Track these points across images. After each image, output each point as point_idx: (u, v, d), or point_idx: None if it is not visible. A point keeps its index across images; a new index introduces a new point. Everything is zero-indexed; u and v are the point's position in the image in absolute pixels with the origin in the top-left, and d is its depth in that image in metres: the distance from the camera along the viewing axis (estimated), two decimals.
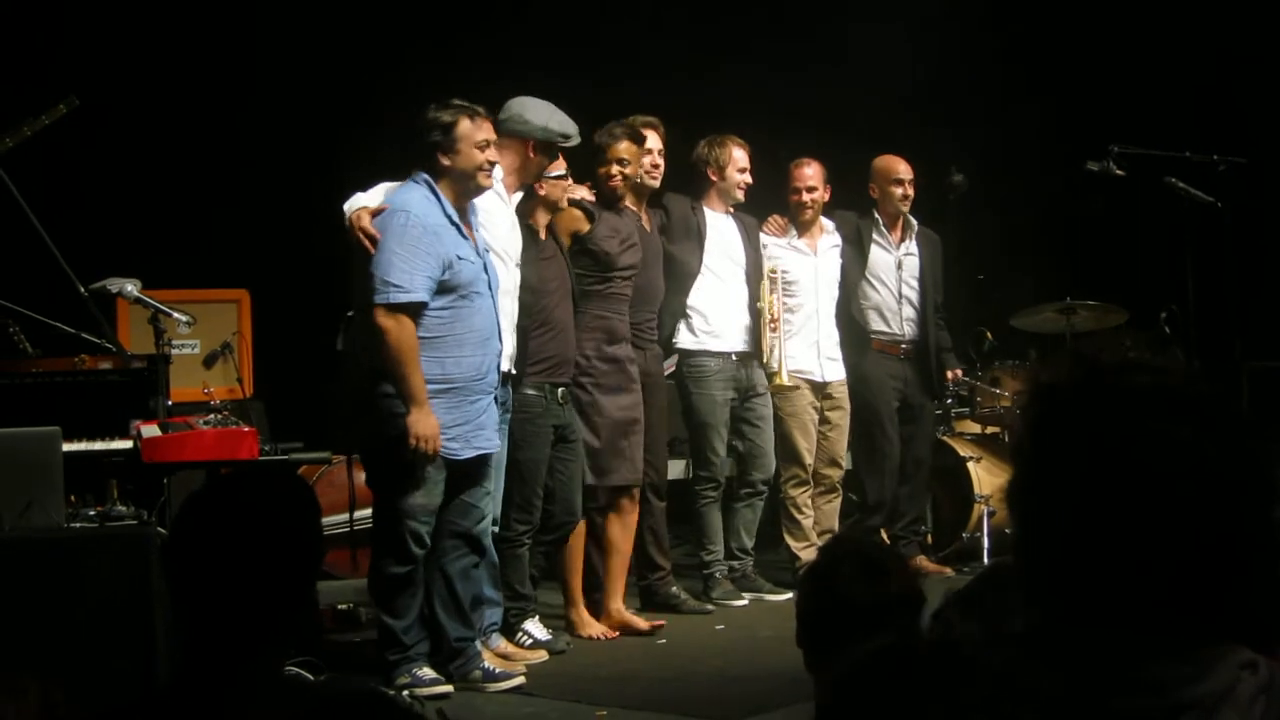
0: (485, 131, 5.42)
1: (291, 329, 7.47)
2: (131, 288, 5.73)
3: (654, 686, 5.57)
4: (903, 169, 7.67)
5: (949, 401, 8.07)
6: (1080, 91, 9.03)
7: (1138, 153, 7.67)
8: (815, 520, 7.45)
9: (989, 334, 8.14)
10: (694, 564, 7.30)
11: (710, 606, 6.91)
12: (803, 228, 7.48)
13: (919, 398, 7.72)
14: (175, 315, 5.79)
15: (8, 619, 4.44)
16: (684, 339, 7.09)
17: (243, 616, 2.15)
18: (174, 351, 6.05)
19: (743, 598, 7.06)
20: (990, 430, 8.15)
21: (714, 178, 7.18)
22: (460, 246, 5.30)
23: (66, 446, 4.91)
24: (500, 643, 5.88)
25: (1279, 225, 8.59)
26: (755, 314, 7.17)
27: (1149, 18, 8.83)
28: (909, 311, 7.69)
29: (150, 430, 5.25)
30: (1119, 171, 7.63)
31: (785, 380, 7.17)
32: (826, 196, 7.52)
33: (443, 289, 5.25)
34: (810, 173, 7.45)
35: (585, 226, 6.34)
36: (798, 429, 7.34)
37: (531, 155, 5.91)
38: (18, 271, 5.96)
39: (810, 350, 7.38)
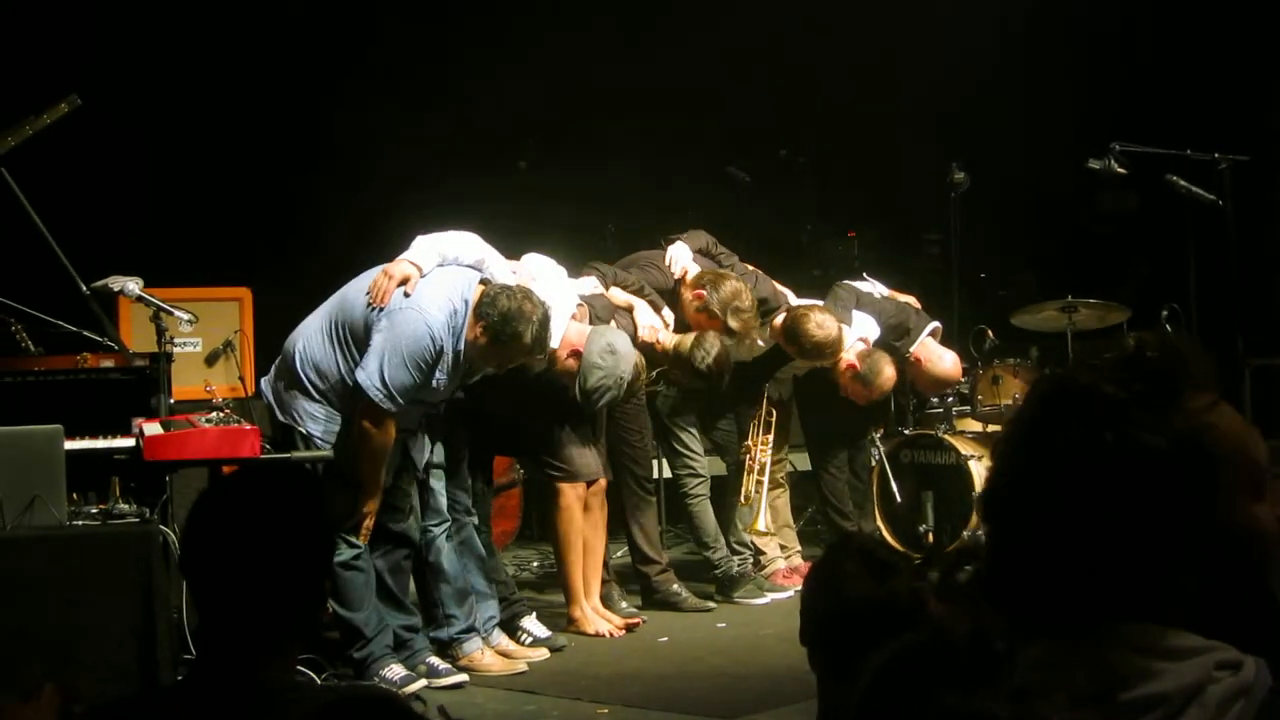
0: (524, 361, 5.63)
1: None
2: (133, 286, 5.72)
3: (656, 684, 5.58)
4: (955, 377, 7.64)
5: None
6: (1082, 88, 9.03)
7: (1139, 151, 7.66)
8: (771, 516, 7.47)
9: (990, 332, 8.13)
10: (697, 561, 7.29)
11: (710, 605, 6.90)
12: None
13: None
14: (177, 313, 5.78)
15: (11, 616, 4.45)
16: None
17: (256, 613, 2.15)
18: (176, 350, 6.05)
19: (764, 595, 7.04)
20: (991, 429, 8.14)
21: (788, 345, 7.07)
22: (443, 375, 5.43)
23: (69, 444, 4.92)
24: (502, 639, 5.90)
25: None
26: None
27: (1151, 15, 8.83)
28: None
29: (152, 428, 5.25)
30: (1120, 169, 7.62)
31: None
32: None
33: None
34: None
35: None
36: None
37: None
38: (20, 270, 5.95)
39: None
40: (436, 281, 5.42)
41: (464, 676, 5.57)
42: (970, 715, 1.32)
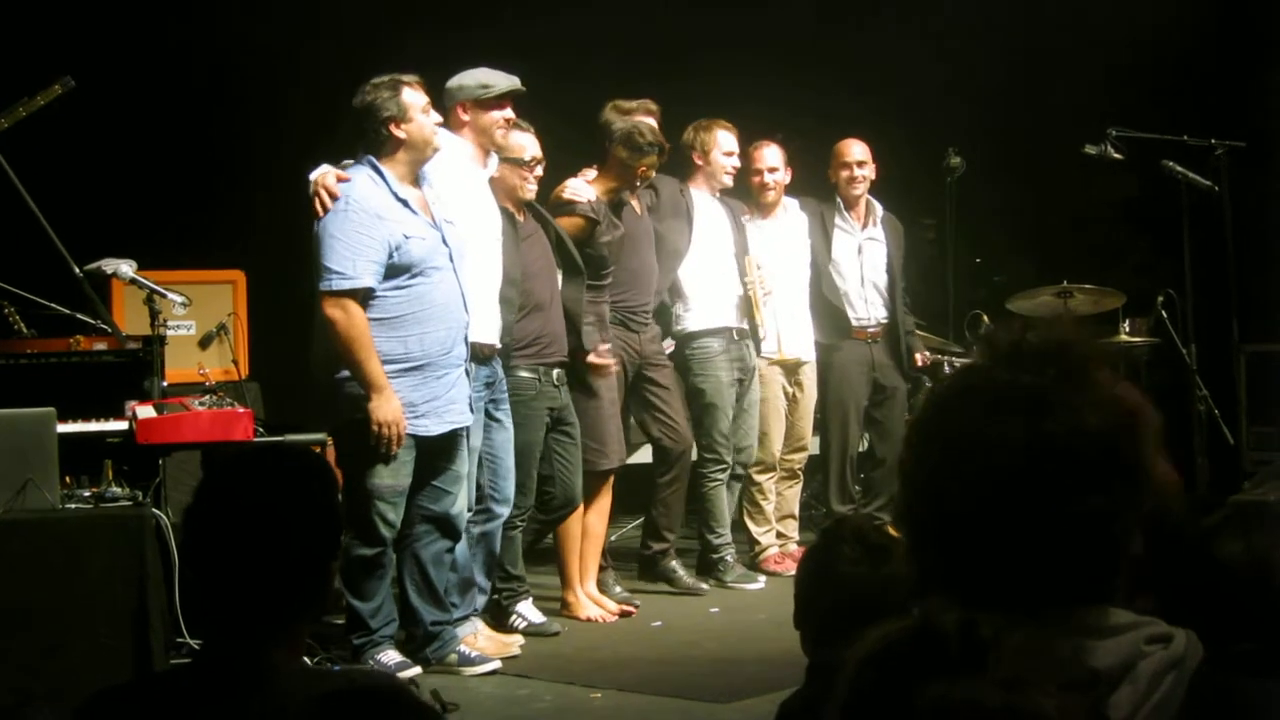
0: (423, 95, 5.41)
1: (287, 310, 7.44)
2: (127, 268, 5.71)
3: (649, 669, 5.58)
4: (853, 151, 7.65)
5: (916, 382, 8.00)
6: (1078, 73, 9.01)
7: (1135, 136, 7.66)
8: (776, 505, 7.45)
9: (985, 317, 8.12)
10: (690, 548, 7.29)
11: (704, 586, 6.89)
12: (764, 209, 7.48)
13: (890, 379, 7.70)
14: (170, 296, 5.77)
15: (3, 600, 4.44)
16: (685, 321, 7.06)
17: (262, 598, 2.14)
18: (169, 333, 6.03)
19: (758, 580, 7.04)
20: None
21: (700, 162, 7.16)
22: (409, 224, 5.24)
23: (61, 428, 4.91)
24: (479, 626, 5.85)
25: (1277, 210, 8.58)
26: (745, 294, 7.18)
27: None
28: (873, 295, 7.68)
29: (145, 411, 5.24)
30: (1117, 155, 7.61)
31: (785, 354, 7.26)
32: (788, 178, 7.53)
33: (394, 270, 5.20)
34: (769, 154, 7.46)
35: (583, 235, 6.31)
36: (770, 413, 7.33)
37: (466, 117, 5.77)
38: (13, 252, 5.94)
39: (772, 331, 7.37)
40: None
41: (497, 663, 5.50)
42: (958, 703, 1.31)
